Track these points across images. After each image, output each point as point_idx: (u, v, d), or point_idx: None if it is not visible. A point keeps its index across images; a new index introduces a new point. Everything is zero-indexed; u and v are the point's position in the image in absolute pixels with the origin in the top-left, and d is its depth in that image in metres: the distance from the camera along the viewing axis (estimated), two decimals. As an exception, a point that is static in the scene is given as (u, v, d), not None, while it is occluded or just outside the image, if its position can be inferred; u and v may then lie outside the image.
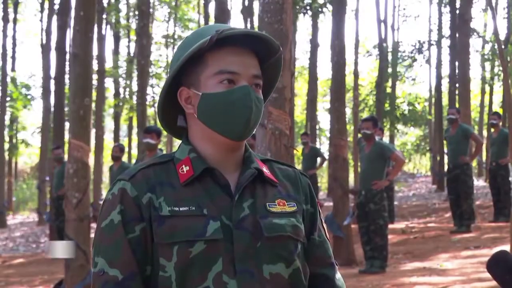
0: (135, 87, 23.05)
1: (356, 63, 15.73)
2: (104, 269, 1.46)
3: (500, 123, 11.81)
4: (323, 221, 1.66)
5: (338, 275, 1.62)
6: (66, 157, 11.95)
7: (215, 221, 1.47)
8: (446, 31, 20.00)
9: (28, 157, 36.02)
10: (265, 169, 1.58)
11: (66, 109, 15.26)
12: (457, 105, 15.76)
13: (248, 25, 20.76)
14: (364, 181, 8.12)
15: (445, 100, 22.04)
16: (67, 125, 12.43)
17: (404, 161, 8.45)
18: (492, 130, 11.70)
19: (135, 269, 1.45)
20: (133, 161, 21.94)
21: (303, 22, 28.40)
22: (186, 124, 1.60)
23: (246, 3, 21.43)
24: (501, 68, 11.34)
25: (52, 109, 16.70)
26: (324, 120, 38.40)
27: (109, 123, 32.90)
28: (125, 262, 1.45)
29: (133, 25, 23.23)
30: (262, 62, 1.58)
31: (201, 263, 1.44)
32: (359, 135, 9.36)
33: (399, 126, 25.60)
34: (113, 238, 1.47)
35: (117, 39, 25.05)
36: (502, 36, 18.77)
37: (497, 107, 25.70)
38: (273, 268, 1.48)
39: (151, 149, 7.82)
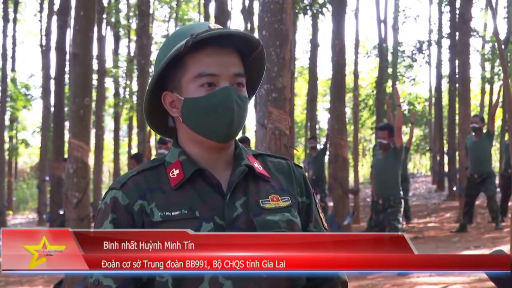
0: (135, 87, 23.03)
1: (356, 63, 15.72)
2: (99, 279, 1.46)
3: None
4: (320, 211, 1.65)
5: None
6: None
7: (207, 223, 1.47)
8: (446, 31, 20.00)
9: (28, 157, 36.00)
10: (256, 165, 1.58)
11: (66, 109, 15.25)
12: (457, 105, 15.76)
13: (248, 25, 20.76)
14: (380, 189, 7.98)
15: (445, 100, 22.03)
16: (67, 125, 12.42)
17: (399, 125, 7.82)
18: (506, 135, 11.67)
19: (128, 277, 1.45)
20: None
21: (303, 22, 28.39)
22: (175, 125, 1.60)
23: (246, 3, 21.43)
24: (501, 68, 11.34)
25: (52, 109, 16.69)
26: (324, 120, 38.41)
27: (109, 123, 32.88)
28: None
29: (133, 25, 23.22)
30: (245, 58, 1.57)
31: None
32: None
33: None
34: None
35: (117, 39, 25.01)
36: (502, 36, 18.77)
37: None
38: None
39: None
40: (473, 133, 10.38)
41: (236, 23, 34.46)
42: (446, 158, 19.40)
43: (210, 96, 1.50)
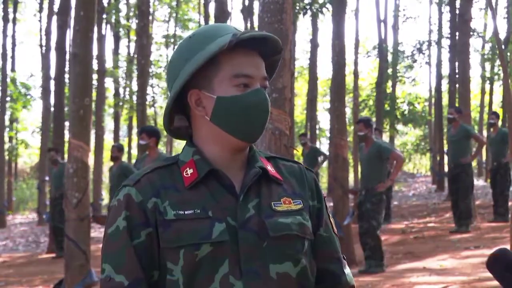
0: (135, 87, 23.04)
1: (356, 63, 15.72)
2: (111, 276, 1.46)
3: (499, 123, 11.83)
4: (330, 216, 1.65)
5: (346, 270, 1.62)
6: (60, 158, 12.07)
7: (220, 223, 1.47)
8: (446, 31, 20.00)
9: (28, 157, 35.99)
10: (269, 167, 1.58)
11: (66, 109, 15.25)
12: (457, 105, 15.74)
13: (248, 25, 20.76)
14: (364, 181, 8.16)
15: (445, 100, 22.04)
16: (67, 125, 12.42)
17: (403, 159, 8.48)
18: (491, 129, 11.73)
19: (141, 275, 1.46)
20: (133, 161, 21.93)
21: (303, 22, 28.42)
22: (189, 125, 1.60)
23: (246, 3, 21.43)
24: (501, 68, 11.33)
25: (52, 109, 16.69)
26: (324, 120, 38.42)
27: (109, 123, 32.90)
28: (130, 268, 1.45)
29: (133, 25, 23.22)
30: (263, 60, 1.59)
31: (208, 265, 1.45)
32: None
33: (399, 126, 25.61)
34: (119, 245, 1.47)
35: (117, 39, 25.03)
36: (502, 36, 18.77)
37: (497, 107, 25.69)
38: (280, 267, 1.48)
39: (146, 149, 7.71)
40: (449, 123, 10.59)
41: (236, 23, 34.44)
42: (446, 158, 19.40)
43: (246, 96, 1.50)
